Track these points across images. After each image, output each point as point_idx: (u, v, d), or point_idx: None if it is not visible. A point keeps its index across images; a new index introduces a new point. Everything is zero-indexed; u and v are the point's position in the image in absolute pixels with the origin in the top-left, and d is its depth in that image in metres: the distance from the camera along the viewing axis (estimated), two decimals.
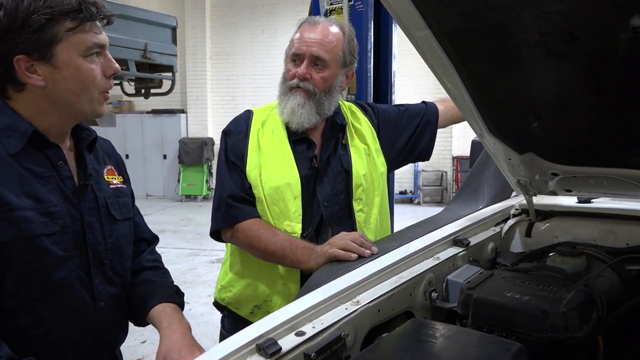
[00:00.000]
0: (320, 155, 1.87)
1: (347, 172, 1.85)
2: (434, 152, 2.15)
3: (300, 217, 1.79)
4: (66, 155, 1.27)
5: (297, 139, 1.85)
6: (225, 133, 1.91)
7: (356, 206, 1.85)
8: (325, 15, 2.75)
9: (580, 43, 1.18)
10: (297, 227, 1.78)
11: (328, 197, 1.84)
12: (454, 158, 11.29)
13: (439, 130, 2.15)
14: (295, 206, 1.78)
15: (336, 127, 1.91)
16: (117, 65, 1.26)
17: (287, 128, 1.86)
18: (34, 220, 1.15)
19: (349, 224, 1.83)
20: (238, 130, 1.88)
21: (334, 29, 1.81)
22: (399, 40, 2.95)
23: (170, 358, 1.26)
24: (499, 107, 1.50)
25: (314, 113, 1.80)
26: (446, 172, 11.57)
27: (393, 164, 2.06)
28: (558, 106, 1.43)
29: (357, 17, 2.70)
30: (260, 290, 1.84)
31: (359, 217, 1.86)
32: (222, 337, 1.98)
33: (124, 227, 1.40)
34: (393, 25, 2.83)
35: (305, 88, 1.79)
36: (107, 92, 1.25)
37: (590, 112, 1.40)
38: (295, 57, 1.80)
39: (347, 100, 2.14)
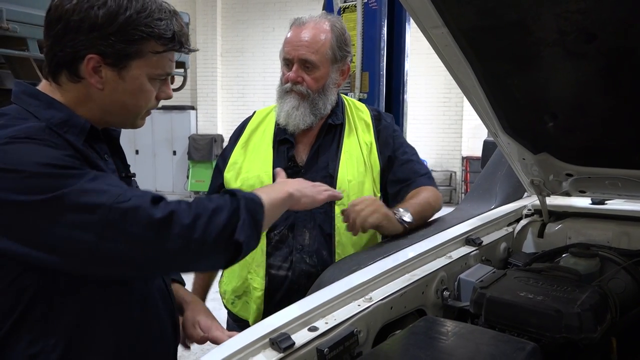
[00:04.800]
0: (306, 156, 1.83)
1: (332, 177, 1.80)
2: (443, 152, 2.12)
3: None
4: None
5: (282, 139, 1.85)
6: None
7: (338, 211, 1.77)
8: (339, 13, 2.75)
9: (599, 42, 1.17)
10: None
11: None
12: (463, 158, 11.22)
13: (449, 131, 2.12)
14: None
15: (332, 129, 1.86)
16: (171, 91, 1.25)
17: (277, 127, 1.86)
18: None
19: (329, 228, 1.78)
20: (235, 133, 1.95)
21: (322, 27, 1.78)
22: (410, 40, 2.95)
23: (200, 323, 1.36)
24: (514, 106, 1.49)
25: (308, 114, 1.79)
26: (455, 173, 11.52)
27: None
28: (574, 106, 1.42)
29: (370, 15, 2.69)
30: (235, 283, 1.86)
31: (339, 222, 1.77)
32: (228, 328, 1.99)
33: None
34: (406, 23, 2.83)
35: (298, 91, 1.78)
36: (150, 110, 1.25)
37: (607, 112, 1.39)
38: (286, 61, 1.80)
39: (358, 100, 2.11)
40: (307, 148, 1.85)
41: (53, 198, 0.96)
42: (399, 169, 1.87)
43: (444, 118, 11.04)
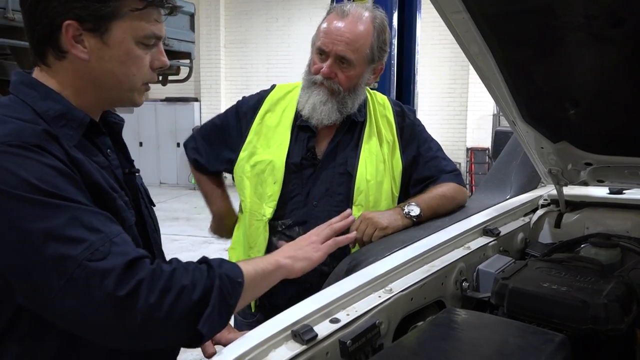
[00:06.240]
0: (325, 150, 1.77)
1: (350, 175, 1.75)
2: (447, 143, 2.07)
3: (274, 203, 1.73)
4: None
5: (303, 125, 1.78)
6: (237, 103, 1.91)
7: (355, 212, 1.71)
8: (349, 0, 2.71)
9: (627, 26, 1.14)
10: (268, 211, 1.73)
11: (319, 196, 1.75)
12: (468, 149, 11.18)
13: (453, 122, 2.07)
14: (272, 191, 1.73)
15: (354, 125, 1.80)
16: (166, 59, 1.16)
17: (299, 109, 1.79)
18: (125, 209, 1.10)
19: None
20: (250, 105, 1.86)
21: (364, 22, 1.67)
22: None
23: None
24: (535, 93, 1.46)
25: (335, 110, 1.72)
26: (460, 164, 11.48)
27: None
28: (597, 93, 1.39)
29: (381, 4, 2.65)
30: None
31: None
32: (235, 321, 1.95)
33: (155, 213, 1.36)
34: (417, 13, 2.79)
35: (328, 86, 1.70)
36: (149, 84, 1.16)
37: (631, 98, 1.36)
38: (321, 52, 1.70)
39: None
40: (326, 141, 1.79)
41: (26, 233, 0.90)
42: (424, 167, 1.82)
43: (449, 109, 10.99)
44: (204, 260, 1.06)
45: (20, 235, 0.90)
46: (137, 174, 1.25)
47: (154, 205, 1.32)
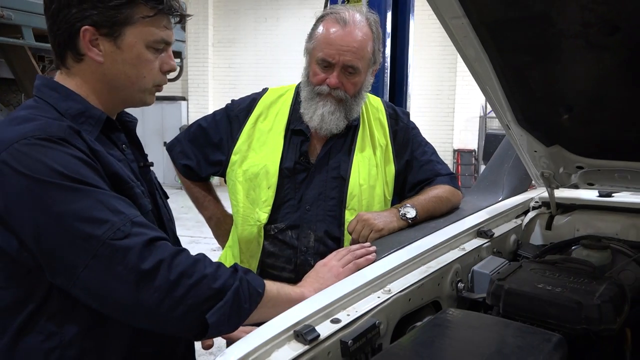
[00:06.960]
0: (318, 154, 1.78)
1: (344, 179, 1.75)
2: (434, 144, 2.06)
3: (269, 208, 1.74)
4: None
5: (296, 129, 1.78)
6: (227, 106, 1.89)
7: (348, 216, 1.73)
8: (343, 2, 2.72)
9: (621, 34, 1.17)
10: (263, 217, 1.74)
11: (312, 200, 1.76)
12: (454, 151, 11.29)
13: (441, 124, 2.07)
14: (266, 196, 1.74)
15: (347, 129, 1.79)
16: (174, 63, 1.24)
17: (291, 113, 1.80)
18: (142, 197, 1.17)
19: (338, 232, 1.74)
20: (241, 109, 1.84)
21: (364, 27, 1.68)
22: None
23: None
24: (530, 98, 1.49)
25: (343, 119, 1.73)
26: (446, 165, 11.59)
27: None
28: (591, 98, 1.42)
29: (374, 6, 2.67)
30: None
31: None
32: None
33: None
34: (411, 14, 2.81)
35: (336, 96, 1.70)
36: (160, 86, 1.25)
37: (625, 104, 1.39)
38: (325, 63, 1.68)
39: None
40: (320, 145, 1.80)
41: (55, 214, 0.98)
42: (419, 171, 1.84)
43: (437, 111, 11.07)
44: (232, 265, 1.12)
45: (50, 217, 0.98)
46: (151, 168, 1.34)
47: (168, 198, 1.39)
